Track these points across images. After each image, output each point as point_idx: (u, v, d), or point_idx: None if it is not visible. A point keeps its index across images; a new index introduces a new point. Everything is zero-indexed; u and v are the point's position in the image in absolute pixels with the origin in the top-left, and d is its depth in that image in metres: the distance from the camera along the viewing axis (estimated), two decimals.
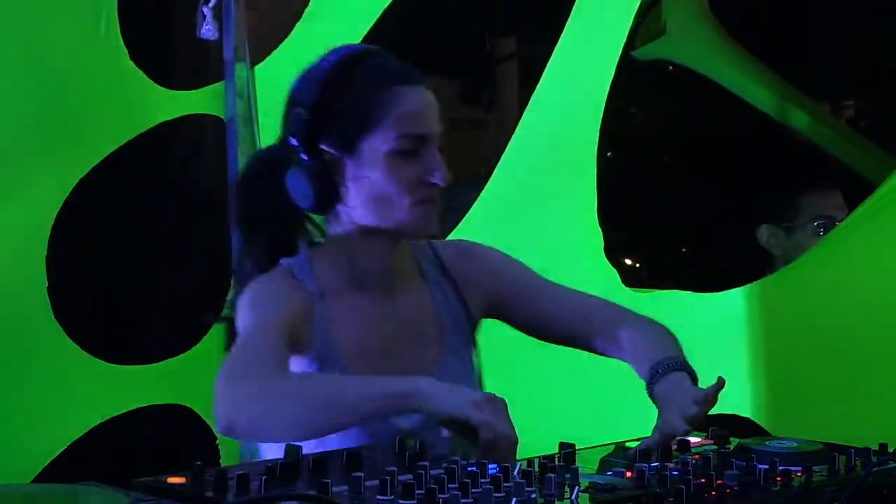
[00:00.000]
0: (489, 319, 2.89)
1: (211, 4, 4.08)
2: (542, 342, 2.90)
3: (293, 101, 2.65)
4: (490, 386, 2.82)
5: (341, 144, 2.59)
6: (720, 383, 2.47)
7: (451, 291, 2.79)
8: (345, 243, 2.68)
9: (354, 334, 2.66)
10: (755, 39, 6.65)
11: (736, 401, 3.24)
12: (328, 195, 2.60)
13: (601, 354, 2.82)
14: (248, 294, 2.65)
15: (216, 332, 4.09)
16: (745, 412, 2.99)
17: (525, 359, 3.57)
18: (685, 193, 6.46)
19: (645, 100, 6.88)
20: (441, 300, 2.79)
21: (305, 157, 2.59)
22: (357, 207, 2.62)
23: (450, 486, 1.78)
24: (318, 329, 2.61)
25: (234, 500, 1.56)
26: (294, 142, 2.60)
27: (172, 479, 1.81)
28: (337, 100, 2.58)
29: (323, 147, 2.59)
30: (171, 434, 4.00)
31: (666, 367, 2.60)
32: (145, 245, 4.20)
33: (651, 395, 2.57)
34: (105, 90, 3.81)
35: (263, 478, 1.82)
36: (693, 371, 2.60)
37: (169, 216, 4.18)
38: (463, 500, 1.73)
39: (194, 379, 4.03)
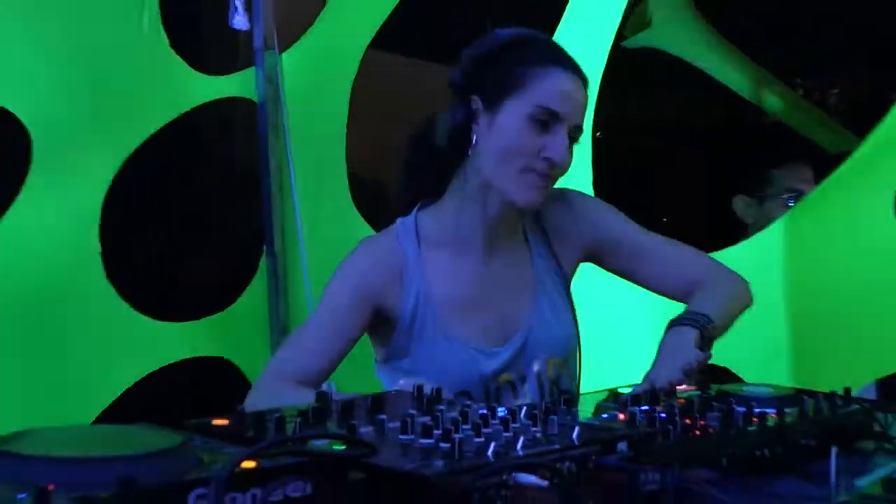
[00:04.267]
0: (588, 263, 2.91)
1: None
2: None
3: (464, 56, 2.68)
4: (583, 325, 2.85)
5: (489, 99, 2.60)
6: (707, 356, 2.52)
7: (547, 245, 2.82)
8: (460, 197, 2.71)
9: (451, 288, 2.70)
10: (734, 29, 6.66)
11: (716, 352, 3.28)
12: (462, 138, 2.64)
13: None
14: (347, 261, 2.72)
15: (253, 290, 4.13)
16: (723, 363, 3.00)
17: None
18: (670, 174, 6.46)
19: (634, 87, 6.87)
20: (538, 254, 2.81)
21: (457, 102, 2.64)
22: (481, 158, 2.64)
23: (463, 426, 1.79)
24: (410, 285, 2.67)
25: (273, 439, 1.57)
26: (453, 88, 2.67)
27: (217, 421, 1.83)
28: (500, 61, 2.61)
29: (473, 96, 2.63)
30: (213, 383, 4.03)
31: (682, 320, 2.62)
32: (187, 214, 4.23)
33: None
34: (149, 76, 3.84)
35: (298, 420, 1.83)
36: (710, 331, 2.60)
37: (207, 188, 4.22)
38: (475, 440, 1.73)
39: (233, 334, 4.09)
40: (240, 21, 4.10)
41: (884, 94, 5.64)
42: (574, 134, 2.61)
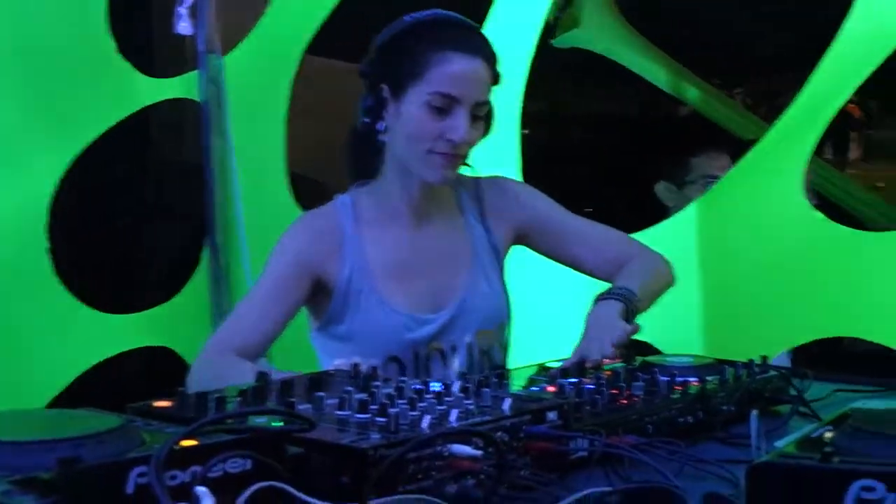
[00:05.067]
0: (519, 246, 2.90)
1: (186, 4, 4.06)
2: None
3: (372, 44, 2.67)
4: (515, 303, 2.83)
5: (394, 87, 2.59)
6: (635, 328, 2.50)
7: (483, 222, 2.81)
8: (387, 178, 2.72)
9: (384, 256, 2.69)
10: (654, 28, 6.67)
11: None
12: (375, 125, 2.63)
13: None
14: (287, 234, 2.71)
15: (195, 282, 4.08)
16: (644, 337, 2.98)
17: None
18: (596, 164, 6.46)
19: (561, 84, 6.85)
20: (474, 229, 2.80)
21: (368, 92, 2.63)
22: (393, 143, 2.64)
23: (399, 401, 1.74)
24: (348, 256, 2.66)
25: (212, 416, 1.51)
26: (362, 77, 2.66)
27: (158, 403, 1.77)
28: (401, 50, 2.59)
29: (381, 86, 2.61)
30: (158, 373, 3.99)
31: (607, 295, 2.61)
32: (133, 211, 4.18)
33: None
34: (97, 79, 3.79)
35: (238, 399, 1.78)
36: (635, 305, 2.60)
37: (152, 185, 4.16)
38: (411, 413, 1.69)
39: (176, 324, 4.05)
40: (184, 27, 4.05)
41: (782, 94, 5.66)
42: (476, 110, 2.58)
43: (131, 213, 4.20)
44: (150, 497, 1.29)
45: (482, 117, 2.61)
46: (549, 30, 4.91)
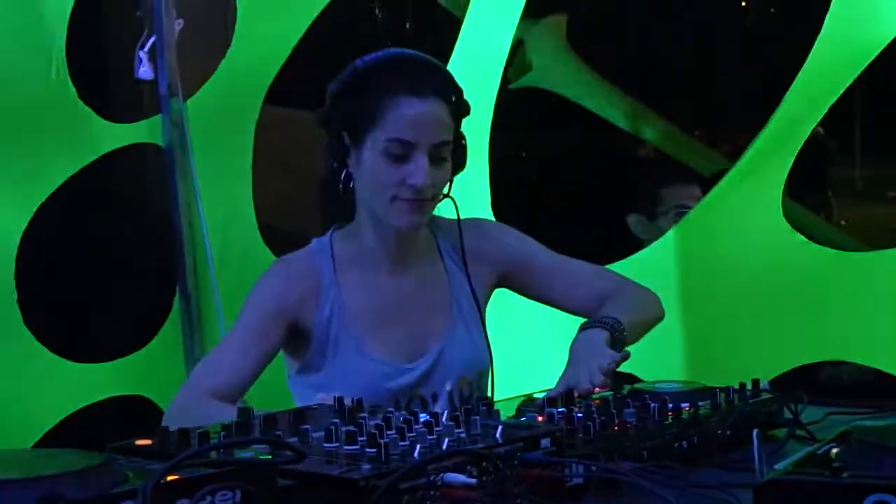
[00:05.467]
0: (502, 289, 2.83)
1: (146, 49, 4.01)
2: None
3: (328, 90, 2.59)
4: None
5: (352, 134, 2.52)
6: (625, 355, 2.42)
7: (463, 267, 2.68)
8: (359, 221, 2.64)
9: (363, 301, 2.61)
10: (608, 67, 6.70)
11: None
12: (340, 174, 2.56)
13: None
14: (264, 277, 2.64)
15: (167, 329, 4.01)
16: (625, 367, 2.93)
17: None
18: (566, 200, 6.46)
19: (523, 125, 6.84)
20: (453, 275, 2.71)
21: (331, 139, 2.56)
22: (360, 191, 2.58)
23: (388, 432, 1.68)
24: (326, 301, 2.58)
25: (200, 448, 1.45)
26: (321, 124, 2.58)
27: (140, 442, 1.71)
28: (356, 95, 2.52)
29: (342, 133, 2.53)
30: (131, 420, 3.90)
31: (592, 324, 2.53)
32: (101, 257, 4.10)
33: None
34: (59, 125, 3.70)
35: (221, 434, 1.72)
36: (620, 332, 2.51)
37: (120, 231, 4.09)
38: (401, 444, 1.63)
39: (149, 372, 3.97)
40: (145, 71, 3.99)
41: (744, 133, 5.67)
42: (436, 152, 2.50)
43: (100, 259, 4.13)
44: None
45: (445, 157, 2.53)
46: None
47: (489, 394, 2.72)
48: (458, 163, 2.59)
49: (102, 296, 4.19)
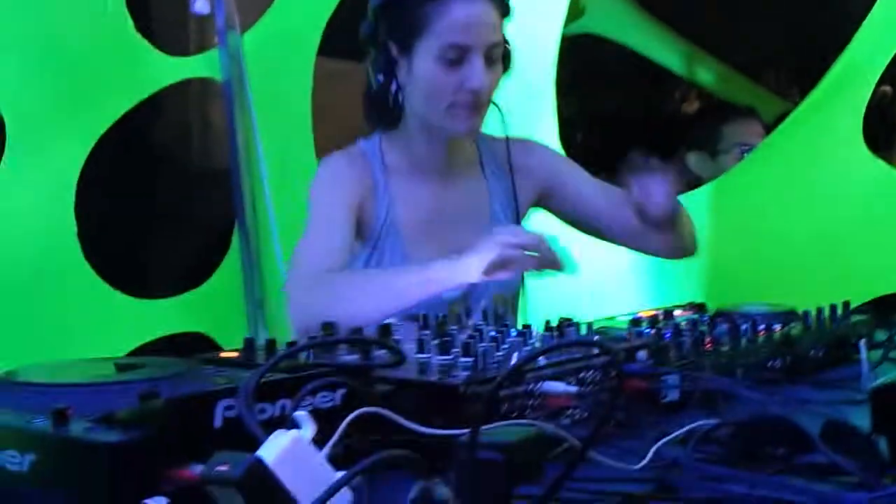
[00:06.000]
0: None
1: None
2: None
3: (370, 4, 2.57)
4: None
5: (401, 44, 2.50)
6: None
7: (507, 182, 2.70)
8: (408, 130, 2.61)
9: (413, 211, 2.59)
10: (663, 8, 6.59)
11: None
12: (389, 85, 2.54)
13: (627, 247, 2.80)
14: (322, 171, 2.63)
15: (227, 266, 3.98)
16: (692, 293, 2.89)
17: None
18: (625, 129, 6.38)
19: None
20: (496, 189, 2.70)
21: (376, 51, 2.54)
22: (411, 101, 2.55)
23: (480, 344, 1.63)
24: (380, 205, 2.57)
25: (301, 345, 1.40)
26: (366, 39, 2.56)
27: (226, 354, 1.67)
28: (401, 6, 2.49)
29: (389, 44, 2.52)
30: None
31: None
32: (160, 193, 4.07)
33: None
34: (116, 58, 3.65)
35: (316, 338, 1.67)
36: None
37: (178, 167, 4.05)
38: (496, 354, 1.58)
39: (209, 309, 3.94)
40: (201, 6, 3.95)
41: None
42: (490, 53, 2.48)
43: (158, 194, 4.10)
44: (239, 431, 1.19)
45: (496, 59, 2.51)
46: None
47: (519, 316, 2.70)
48: (507, 65, 2.57)
49: (161, 231, 4.16)
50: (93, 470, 1.13)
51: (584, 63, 6.26)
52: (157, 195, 4.13)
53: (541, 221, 2.84)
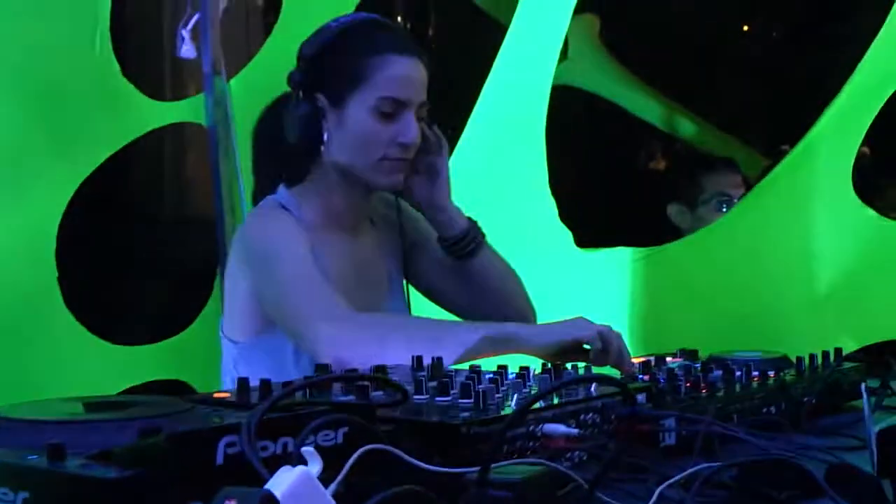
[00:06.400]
0: None
1: (189, 27, 3.94)
2: None
3: (301, 52, 2.57)
4: None
5: (332, 96, 2.48)
6: None
7: (394, 237, 2.70)
8: (325, 184, 2.57)
9: (335, 264, 2.52)
10: (642, 63, 6.63)
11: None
12: (314, 136, 2.49)
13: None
14: (268, 219, 2.54)
15: (208, 312, 3.95)
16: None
17: None
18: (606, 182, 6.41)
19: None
20: (388, 246, 2.70)
21: (302, 101, 2.50)
22: (335, 152, 2.51)
23: (477, 385, 1.61)
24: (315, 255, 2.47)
25: (303, 382, 1.39)
26: (295, 87, 2.53)
27: (219, 394, 1.65)
28: (336, 57, 2.49)
29: (317, 95, 2.49)
30: None
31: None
32: (143, 238, 4.04)
33: None
34: (102, 102, 3.64)
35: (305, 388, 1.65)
36: None
37: (162, 212, 4.03)
38: (495, 395, 1.57)
39: (189, 356, 3.90)
40: (187, 50, 3.92)
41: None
42: (418, 112, 2.51)
43: (140, 240, 4.08)
44: (241, 469, 1.17)
45: (422, 118, 2.54)
46: None
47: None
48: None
49: (142, 276, 4.13)
50: None
51: (568, 114, 6.29)
52: (138, 240, 4.10)
53: None
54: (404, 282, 2.71)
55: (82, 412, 1.38)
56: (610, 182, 6.59)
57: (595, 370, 1.93)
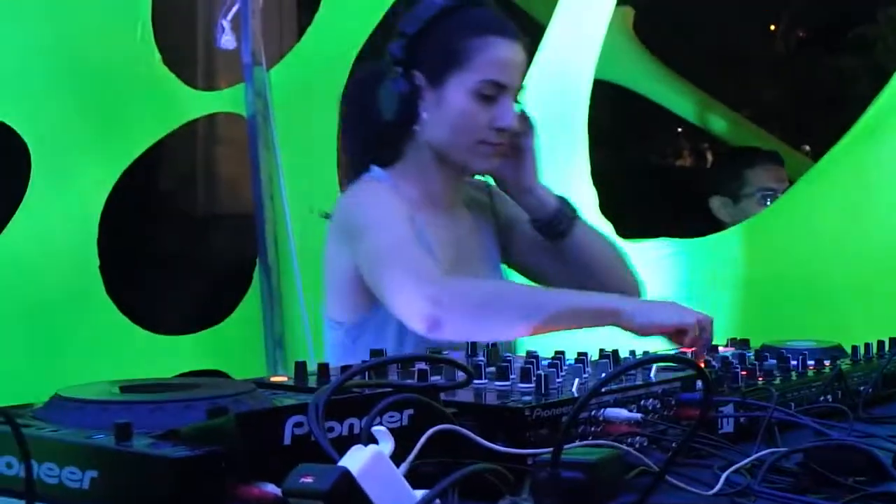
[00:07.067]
0: None
1: (229, 17, 3.95)
2: None
3: (400, 29, 2.49)
4: None
5: (431, 75, 2.43)
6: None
7: (489, 222, 2.67)
8: (420, 164, 2.53)
9: (439, 244, 2.49)
10: (675, 56, 6.60)
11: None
12: (410, 114, 2.45)
13: None
14: (367, 195, 2.50)
15: (247, 303, 3.96)
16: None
17: None
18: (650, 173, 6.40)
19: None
20: (483, 229, 2.66)
21: (400, 78, 2.44)
22: (432, 133, 2.47)
23: (536, 370, 1.60)
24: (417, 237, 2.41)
25: (373, 361, 1.38)
26: (393, 62, 2.46)
27: (276, 378, 1.64)
28: (437, 36, 2.43)
29: (415, 73, 2.44)
30: None
31: None
32: (182, 227, 4.05)
33: None
34: (143, 92, 3.67)
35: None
36: None
37: (201, 202, 4.03)
38: (556, 380, 1.56)
39: (227, 347, 3.91)
40: (227, 41, 3.93)
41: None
42: (517, 95, 2.48)
43: (181, 229, 4.08)
44: (308, 449, 1.16)
45: (519, 102, 2.50)
46: None
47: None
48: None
49: (183, 267, 4.14)
50: (158, 486, 1.10)
51: (608, 108, 6.28)
52: (179, 229, 4.11)
53: None
54: (501, 265, 2.69)
55: (146, 393, 1.37)
56: (651, 175, 6.58)
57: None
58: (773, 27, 8.70)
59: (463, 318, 2.10)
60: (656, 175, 6.55)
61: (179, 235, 4.14)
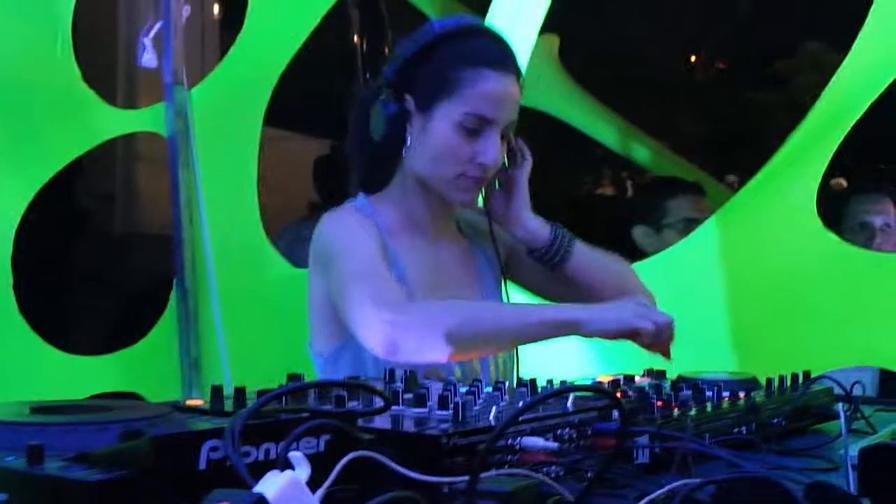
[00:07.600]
0: None
1: (151, 35, 3.93)
2: None
3: (396, 50, 2.51)
4: None
5: (421, 101, 2.43)
6: None
7: (488, 246, 2.65)
8: (403, 189, 2.55)
9: (416, 271, 2.51)
10: (599, 84, 6.66)
11: None
12: (397, 137, 2.45)
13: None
14: (337, 224, 2.50)
15: (163, 324, 3.93)
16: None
17: None
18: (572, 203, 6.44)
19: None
20: (478, 252, 2.67)
21: (391, 100, 2.44)
22: (416, 159, 2.48)
23: (454, 398, 1.61)
24: (391, 264, 2.43)
25: (291, 386, 1.38)
26: (386, 84, 2.47)
27: (191, 402, 1.64)
28: (431, 63, 2.42)
29: (406, 97, 2.44)
30: None
31: None
32: (100, 247, 4.01)
33: None
34: (62, 108, 3.63)
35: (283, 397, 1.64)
36: None
37: (119, 221, 4.01)
38: (473, 407, 1.57)
39: (142, 368, 3.88)
40: (149, 59, 3.90)
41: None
42: (506, 131, 2.46)
43: (97, 248, 4.05)
44: (224, 474, 1.16)
45: (507, 137, 2.49)
46: None
47: (515, 372, 2.66)
48: (508, 147, 2.55)
49: (98, 286, 4.10)
50: None
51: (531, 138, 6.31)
52: (95, 249, 4.07)
53: None
54: (502, 284, 2.68)
55: (59, 415, 1.36)
56: (573, 203, 6.62)
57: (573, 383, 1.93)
58: (693, 58, 8.83)
59: (419, 340, 2.12)
60: (578, 203, 6.59)
61: (96, 254, 4.10)
